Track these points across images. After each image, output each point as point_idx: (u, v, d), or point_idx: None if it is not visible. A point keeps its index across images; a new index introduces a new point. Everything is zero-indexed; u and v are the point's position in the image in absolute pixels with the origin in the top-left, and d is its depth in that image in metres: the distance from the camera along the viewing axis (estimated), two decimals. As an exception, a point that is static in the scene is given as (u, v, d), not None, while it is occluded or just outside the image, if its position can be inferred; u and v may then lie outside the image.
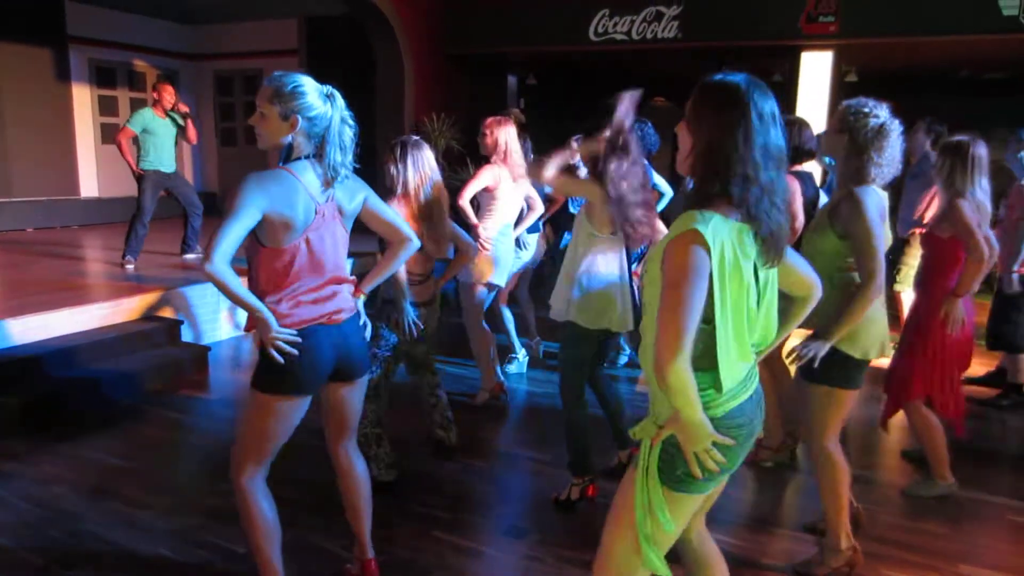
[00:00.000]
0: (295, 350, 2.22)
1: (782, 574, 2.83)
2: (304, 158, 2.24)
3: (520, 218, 4.86)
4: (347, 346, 2.38)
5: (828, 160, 4.24)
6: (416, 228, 3.30)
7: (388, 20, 8.45)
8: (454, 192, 3.62)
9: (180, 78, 11.71)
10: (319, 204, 2.24)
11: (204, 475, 3.65)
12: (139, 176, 6.70)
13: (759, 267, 1.75)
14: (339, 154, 2.26)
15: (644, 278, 1.85)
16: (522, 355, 5.27)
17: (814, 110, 7.76)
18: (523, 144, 4.96)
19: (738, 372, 1.76)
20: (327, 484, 2.65)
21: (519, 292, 5.38)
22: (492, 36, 9.18)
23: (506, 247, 4.59)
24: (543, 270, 5.83)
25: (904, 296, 5.27)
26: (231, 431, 3.73)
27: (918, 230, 5.02)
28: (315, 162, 2.26)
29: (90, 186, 10.57)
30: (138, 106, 6.94)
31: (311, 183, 2.23)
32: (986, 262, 3.27)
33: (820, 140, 3.49)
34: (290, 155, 2.25)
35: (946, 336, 3.34)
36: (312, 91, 2.22)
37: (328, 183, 2.27)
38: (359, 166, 2.37)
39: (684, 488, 1.78)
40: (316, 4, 9.75)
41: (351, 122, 2.30)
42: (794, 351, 2.65)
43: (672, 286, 1.62)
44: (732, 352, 1.72)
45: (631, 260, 3.29)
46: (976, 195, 3.30)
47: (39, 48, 9.79)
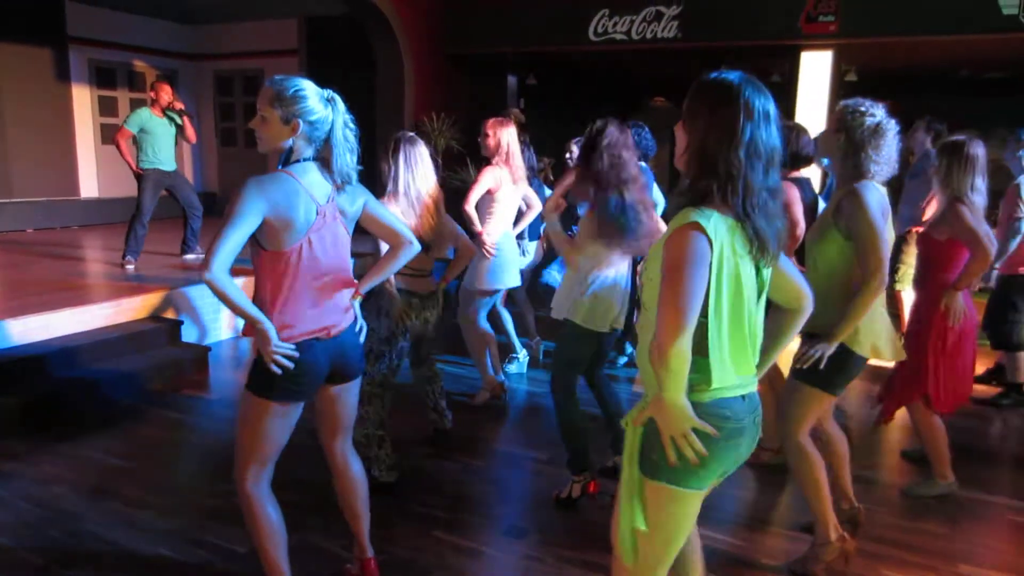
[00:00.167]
0: (291, 364, 2.22)
1: (781, 574, 2.83)
2: (304, 160, 2.24)
3: (518, 217, 4.85)
4: (342, 353, 2.39)
5: (825, 162, 4.24)
6: (409, 225, 3.30)
7: (388, 20, 8.45)
8: (454, 192, 3.62)
9: (180, 78, 11.70)
10: (320, 205, 2.23)
11: (204, 475, 3.65)
12: (139, 175, 6.69)
13: (760, 266, 1.75)
14: (347, 158, 2.27)
15: (643, 277, 1.85)
16: (522, 355, 5.27)
17: (814, 110, 7.76)
18: (524, 145, 4.96)
19: (732, 372, 1.75)
20: (326, 484, 2.65)
21: (517, 293, 5.38)
22: (492, 36, 9.18)
23: (511, 248, 4.59)
24: (540, 271, 5.82)
25: (904, 295, 5.27)
26: (231, 431, 3.73)
27: (915, 229, 5.02)
28: (319, 165, 2.26)
29: (90, 186, 10.56)
30: (138, 106, 6.92)
31: (312, 185, 2.22)
32: (990, 260, 3.28)
33: (818, 141, 3.49)
34: (289, 158, 2.25)
35: (948, 333, 3.34)
36: (313, 95, 2.22)
37: (340, 187, 2.28)
38: (361, 167, 2.37)
39: (662, 477, 1.75)
40: (316, 4, 9.75)
41: (352, 125, 2.30)
42: (800, 354, 2.65)
43: (673, 270, 1.62)
44: (726, 346, 1.72)
45: (635, 261, 3.30)
46: (971, 196, 3.29)
47: (39, 48, 9.78)
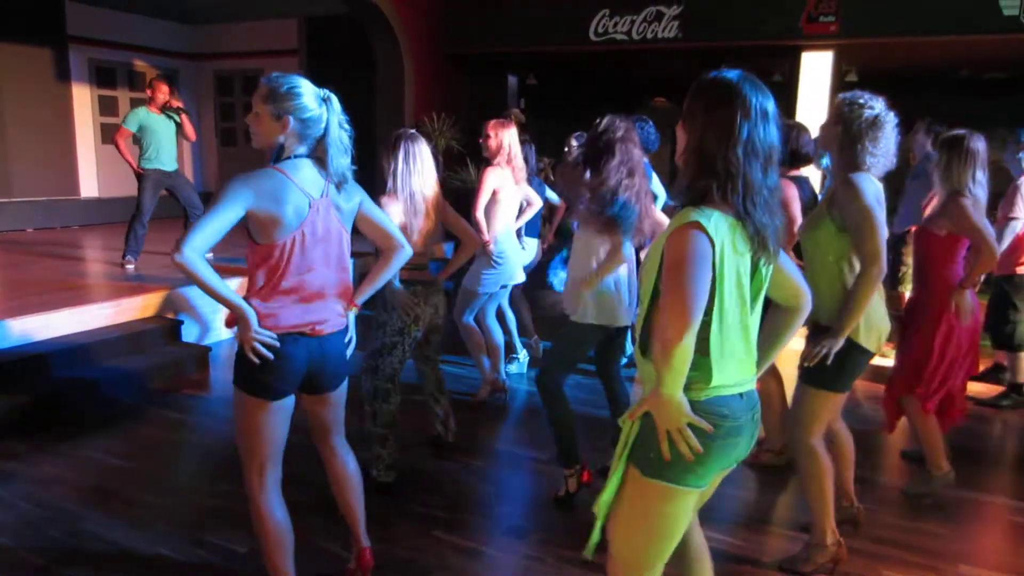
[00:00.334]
0: (271, 353, 2.19)
1: (780, 574, 2.83)
2: (296, 157, 2.23)
3: (518, 214, 4.84)
4: (322, 359, 2.34)
5: (824, 163, 4.24)
6: (407, 224, 3.30)
7: (388, 20, 8.45)
8: (454, 192, 3.61)
9: (180, 78, 11.71)
10: (313, 199, 2.22)
11: (204, 475, 3.65)
12: (140, 175, 6.69)
13: (760, 264, 1.75)
14: (342, 158, 2.26)
15: (641, 271, 1.85)
16: (523, 355, 5.27)
17: (814, 110, 7.76)
18: (526, 150, 4.96)
19: (732, 370, 1.75)
20: (326, 484, 2.65)
21: (515, 291, 5.37)
22: (492, 36, 9.19)
23: (512, 248, 4.59)
24: (543, 270, 5.83)
25: (907, 296, 5.27)
26: (231, 431, 3.73)
27: (915, 228, 5.01)
28: (315, 162, 2.25)
29: (90, 186, 10.57)
30: (138, 106, 6.92)
31: (305, 180, 2.21)
32: (996, 257, 3.27)
33: (819, 137, 3.49)
34: (280, 155, 2.24)
35: (955, 333, 3.33)
36: (307, 93, 2.20)
37: (336, 185, 2.27)
38: (355, 167, 2.36)
39: (657, 474, 1.75)
40: (316, 4, 9.75)
41: (347, 126, 2.29)
42: (807, 352, 2.64)
43: (676, 269, 1.62)
44: (726, 343, 1.72)
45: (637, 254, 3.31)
46: (973, 190, 3.28)
47: (39, 48, 9.79)
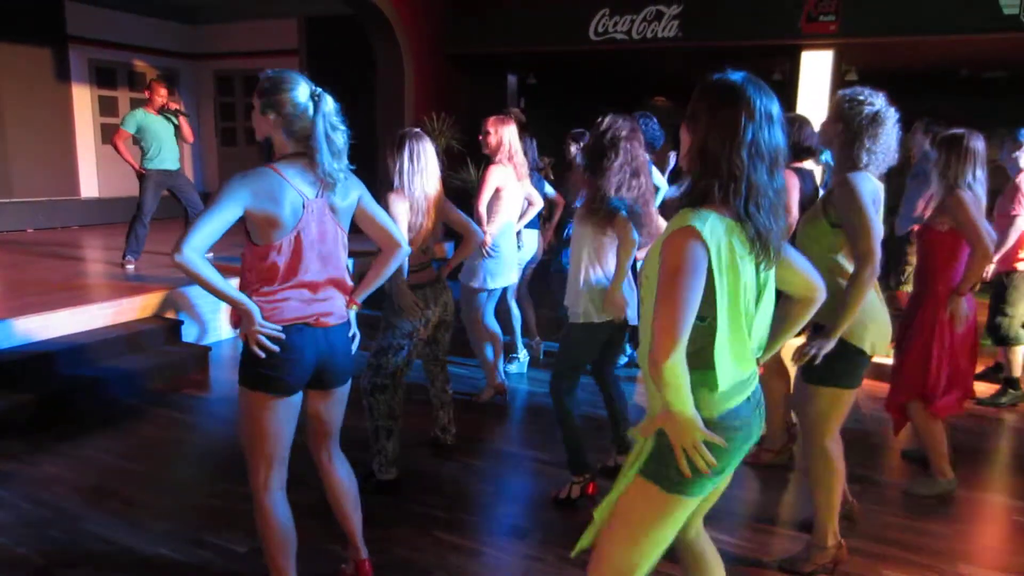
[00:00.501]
0: (276, 346, 2.19)
1: (778, 573, 2.83)
2: (292, 155, 2.22)
3: (521, 215, 4.85)
4: (330, 352, 2.34)
5: (825, 159, 4.23)
6: (412, 223, 3.29)
7: (388, 20, 8.45)
8: (455, 192, 3.61)
9: (180, 78, 11.71)
10: (308, 200, 2.21)
11: (204, 475, 3.65)
12: (141, 175, 6.69)
13: (761, 267, 1.75)
14: (330, 158, 2.20)
15: (642, 273, 1.85)
16: (523, 355, 5.27)
17: (814, 110, 7.75)
18: (526, 144, 4.95)
19: (735, 373, 1.74)
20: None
21: (519, 291, 5.38)
22: (492, 36, 9.18)
23: (509, 246, 4.59)
24: (544, 269, 5.82)
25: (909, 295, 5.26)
26: (232, 431, 3.70)
27: (917, 228, 5.01)
28: (308, 161, 2.22)
29: (90, 186, 10.57)
30: (138, 106, 6.93)
31: (300, 180, 2.20)
32: (990, 257, 3.26)
33: (820, 133, 3.49)
34: (272, 152, 2.24)
35: (952, 333, 3.33)
36: (294, 90, 2.18)
37: (326, 186, 2.23)
38: (354, 167, 2.34)
39: (678, 489, 1.76)
40: (316, 4, 9.75)
41: (340, 125, 2.23)
42: (799, 350, 2.64)
43: (668, 280, 1.62)
44: (728, 352, 1.71)
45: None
46: (973, 187, 3.28)
47: (39, 48, 9.79)
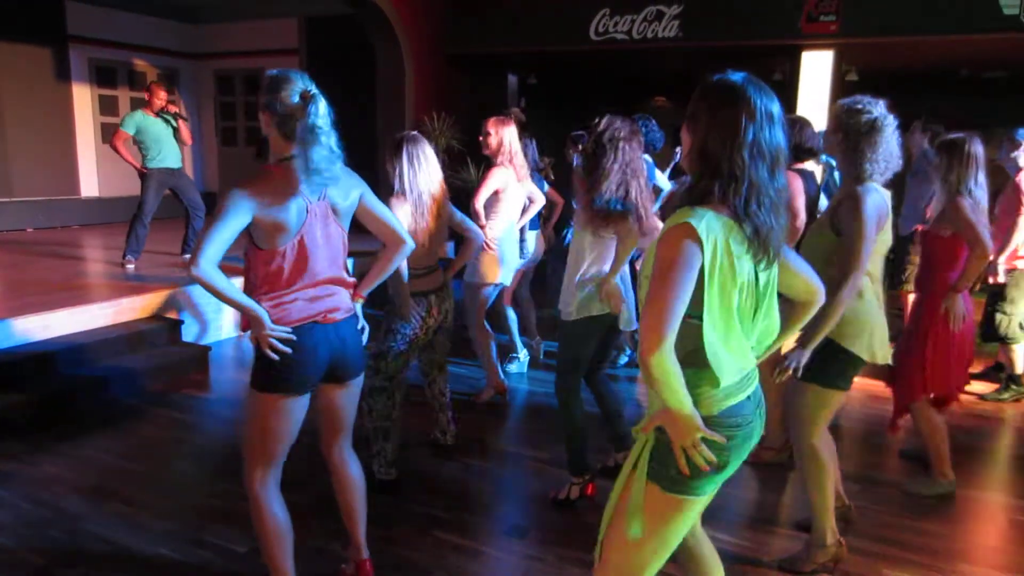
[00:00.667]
0: (289, 348, 2.21)
1: (778, 572, 2.83)
2: (292, 158, 2.20)
3: (523, 211, 4.85)
4: (342, 347, 2.36)
5: (825, 159, 4.24)
6: (415, 226, 3.29)
7: (388, 20, 8.45)
8: (456, 192, 3.61)
9: (180, 78, 11.71)
10: (311, 203, 2.22)
11: (204, 475, 3.65)
12: (144, 174, 6.69)
13: (760, 267, 1.75)
14: (318, 159, 2.14)
15: (641, 275, 1.85)
16: (523, 355, 5.27)
17: (814, 110, 7.76)
18: (527, 145, 4.95)
19: (733, 371, 1.74)
20: (326, 484, 2.65)
21: (520, 291, 5.38)
22: (492, 36, 9.18)
23: (511, 246, 4.59)
24: (544, 269, 5.83)
25: (912, 297, 5.28)
26: (232, 431, 3.71)
27: (920, 227, 5.02)
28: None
29: (90, 186, 10.57)
30: (139, 105, 6.93)
31: (303, 183, 2.19)
32: (988, 257, 3.28)
33: (824, 144, 3.51)
34: (269, 151, 2.24)
35: (949, 333, 3.34)
36: (288, 89, 2.17)
37: (312, 178, 2.15)
38: (348, 166, 2.33)
39: (679, 489, 1.75)
40: (316, 4, 9.75)
41: (327, 126, 2.17)
42: (778, 365, 2.62)
43: (659, 277, 1.62)
44: (723, 349, 1.71)
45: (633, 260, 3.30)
46: (974, 192, 3.30)
47: (39, 48, 9.79)
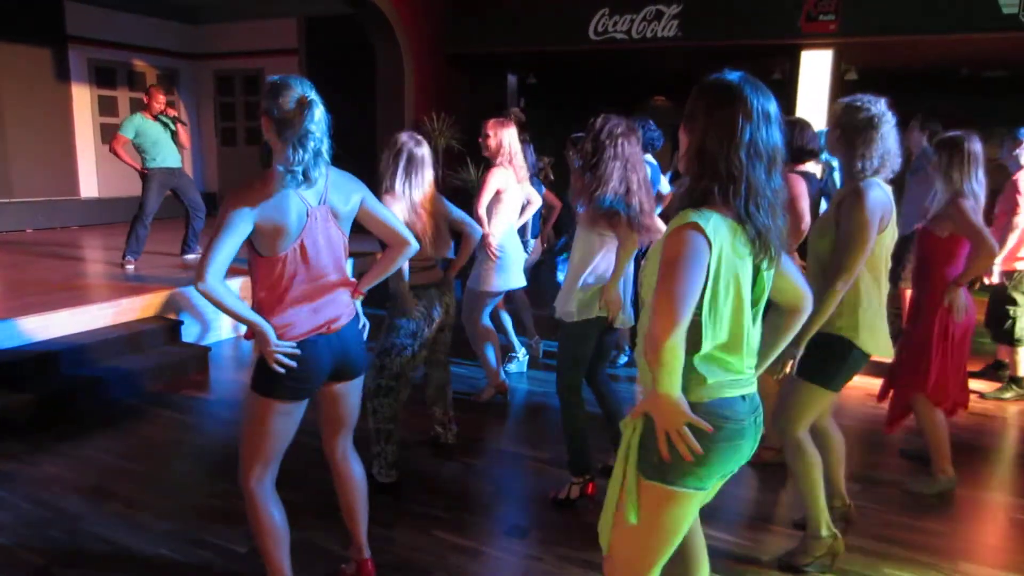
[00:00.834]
0: (294, 362, 2.23)
1: (779, 571, 2.83)
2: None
3: (520, 212, 4.84)
4: (345, 350, 2.38)
5: (825, 158, 4.24)
6: (410, 221, 3.29)
7: (388, 20, 8.45)
8: (454, 191, 3.61)
9: (180, 78, 11.71)
10: (311, 207, 2.22)
11: (204, 475, 3.65)
12: (144, 175, 6.69)
13: (762, 268, 1.75)
14: (308, 165, 2.13)
15: (642, 274, 1.85)
16: (522, 354, 5.27)
17: (814, 109, 7.76)
18: (525, 149, 4.95)
19: (725, 363, 1.74)
20: (327, 484, 2.65)
21: (515, 292, 5.37)
22: (492, 36, 9.18)
23: (515, 249, 4.59)
24: (540, 270, 5.83)
25: (909, 293, 5.28)
26: (232, 431, 3.71)
27: (919, 226, 5.02)
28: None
29: (90, 186, 10.57)
30: (138, 106, 6.94)
31: (303, 187, 2.20)
32: (995, 257, 3.29)
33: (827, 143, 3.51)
34: (271, 157, 2.24)
35: (949, 330, 3.34)
36: (286, 95, 2.16)
37: (287, 175, 2.14)
38: (348, 166, 2.34)
39: (659, 478, 1.74)
40: (316, 4, 9.75)
41: (320, 133, 2.15)
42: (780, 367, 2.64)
43: (669, 266, 1.62)
44: (720, 349, 1.71)
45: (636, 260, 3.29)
46: (975, 191, 3.30)
47: (38, 48, 9.78)
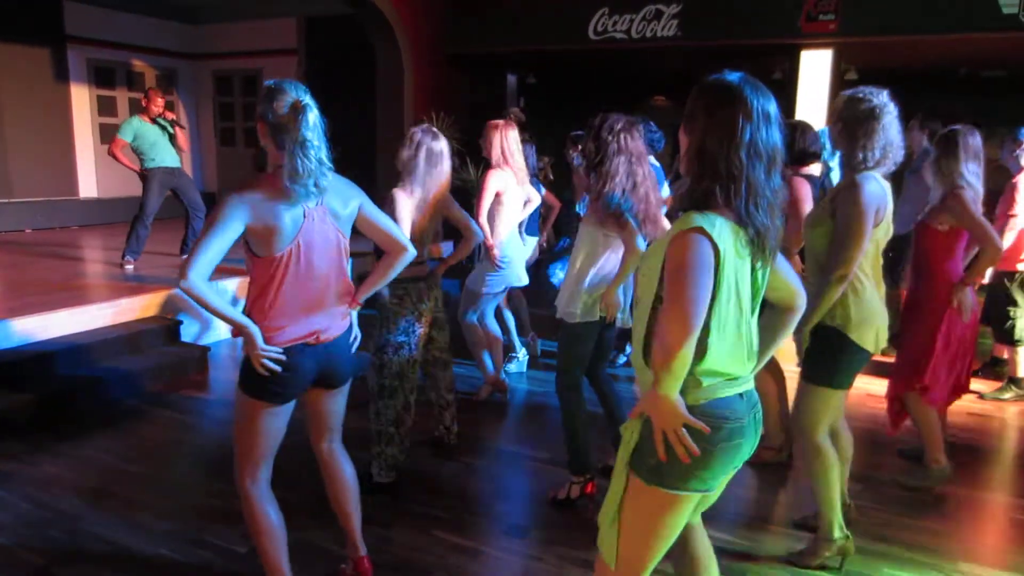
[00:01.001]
0: (279, 367, 2.23)
1: (779, 571, 2.83)
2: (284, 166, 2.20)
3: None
4: (330, 360, 2.37)
5: (825, 158, 4.24)
6: (416, 220, 3.29)
7: (388, 20, 8.44)
8: (454, 191, 3.61)
9: (179, 78, 11.70)
10: (308, 209, 2.21)
11: (204, 475, 3.65)
12: (144, 175, 6.69)
13: (757, 267, 1.75)
14: (303, 169, 2.12)
15: (640, 271, 1.85)
16: (522, 354, 5.27)
17: (814, 109, 7.75)
18: (526, 151, 4.95)
19: (724, 364, 1.74)
20: (322, 484, 2.64)
21: (513, 290, 5.37)
22: (492, 36, 9.17)
23: (516, 250, 4.58)
24: (537, 270, 5.83)
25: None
26: (231, 431, 3.72)
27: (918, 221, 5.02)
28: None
29: (89, 186, 10.56)
30: (137, 106, 6.93)
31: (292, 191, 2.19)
32: (1000, 254, 3.28)
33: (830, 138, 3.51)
34: (266, 160, 2.24)
35: (955, 330, 3.34)
36: (280, 99, 2.16)
37: (297, 187, 2.14)
38: (348, 167, 2.34)
39: (657, 481, 1.74)
40: (316, 4, 9.74)
41: (315, 138, 2.13)
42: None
43: (678, 273, 1.62)
44: (721, 350, 1.71)
45: None
46: (971, 182, 3.27)
47: (37, 48, 9.77)
